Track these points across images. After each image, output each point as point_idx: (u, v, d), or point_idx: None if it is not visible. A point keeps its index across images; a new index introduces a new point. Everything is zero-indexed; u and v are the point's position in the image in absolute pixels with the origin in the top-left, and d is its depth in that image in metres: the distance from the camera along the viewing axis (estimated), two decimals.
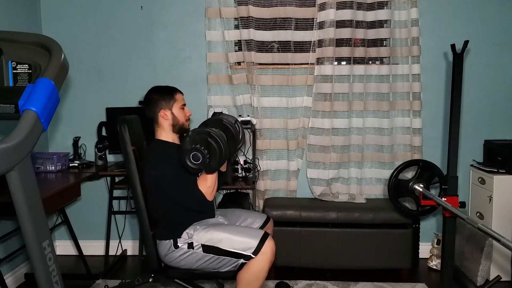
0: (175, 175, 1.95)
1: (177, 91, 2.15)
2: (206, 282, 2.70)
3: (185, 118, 2.14)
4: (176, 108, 2.11)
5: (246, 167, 3.06)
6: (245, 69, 3.08)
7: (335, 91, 3.06)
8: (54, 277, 1.16)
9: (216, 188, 2.00)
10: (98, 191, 3.27)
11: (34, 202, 1.11)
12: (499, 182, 2.76)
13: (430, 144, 3.14)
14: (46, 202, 1.87)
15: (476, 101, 3.12)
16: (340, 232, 2.85)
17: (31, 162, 1.09)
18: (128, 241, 3.33)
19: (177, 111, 2.11)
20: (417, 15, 2.98)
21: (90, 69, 3.21)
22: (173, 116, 2.10)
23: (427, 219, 3.21)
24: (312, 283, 2.78)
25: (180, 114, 2.11)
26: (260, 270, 1.89)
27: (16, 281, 2.84)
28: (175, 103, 2.10)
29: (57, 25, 3.16)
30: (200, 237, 1.96)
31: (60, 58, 1.16)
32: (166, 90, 2.13)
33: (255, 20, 3.03)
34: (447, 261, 2.02)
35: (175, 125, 2.11)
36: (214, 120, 2.10)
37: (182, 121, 2.12)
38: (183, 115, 2.13)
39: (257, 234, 1.94)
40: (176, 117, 2.10)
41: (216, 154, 1.83)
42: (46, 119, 1.08)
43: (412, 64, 3.03)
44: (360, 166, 3.15)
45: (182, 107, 2.13)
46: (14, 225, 2.74)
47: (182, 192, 1.96)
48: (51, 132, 3.27)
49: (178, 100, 2.12)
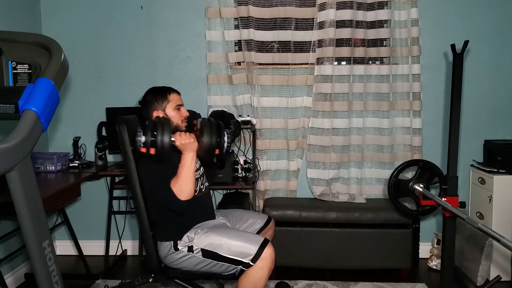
0: (153, 171, 1.93)
1: (171, 92, 2.09)
2: (206, 282, 2.70)
3: (180, 119, 2.07)
4: (170, 109, 2.05)
5: (246, 167, 3.06)
6: (245, 69, 3.08)
7: (335, 91, 3.06)
8: (54, 277, 1.16)
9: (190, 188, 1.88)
10: (98, 191, 3.27)
11: (34, 202, 1.11)
12: (499, 182, 2.76)
13: (430, 144, 3.14)
14: (46, 202, 1.87)
15: (476, 101, 3.12)
16: (340, 232, 2.85)
17: (31, 162, 1.09)
18: (128, 241, 3.33)
19: (171, 111, 2.05)
20: (417, 15, 2.98)
21: (90, 69, 3.21)
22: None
23: (427, 219, 3.20)
24: (312, 283, 2.78)
25: (174, 114, 2.05)
26: (259, 278, 1.87)
27: (16, 281, 2.84)
28: (169, 104, 2.05)
29: (57, 25, 3.17)
30: (200, 241, 1.95)
31: (60, 58, 1.16)
32: (160, 91, 2.07)
33: (255, 20, 3.03)
34: (447, 261, 2.02)
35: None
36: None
37: (177, 121, 2.05)
38: (179, 116, 2.07)
39: (256, 240, 1.91)
40: (170, 118, 2.02)
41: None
42: (46, 119, 1.08)
43: (412, 64, 3.03)
44: (360, 166, 3.15)
45: (178, 107, 2.07)
46: (14, 225, 2.74)
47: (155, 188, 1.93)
48: (51, 132, 3.27)
49: (172, 101, 2.06)
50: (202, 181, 2.16)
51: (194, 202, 2.03)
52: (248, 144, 3.19)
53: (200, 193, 2.12)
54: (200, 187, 2.13)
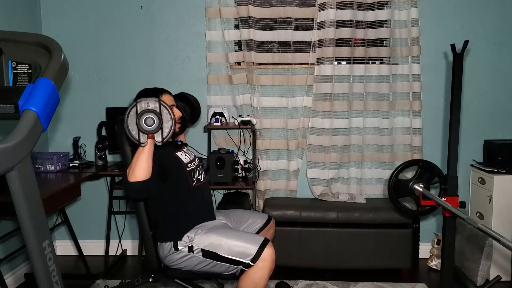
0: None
1: (163, 93, 2.10)
2: (206, 282, 2.70)
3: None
4: None
5: (246, 167, 3.06)
6: (245, 69, 3.08)
7: (335, 91, 3.06)
8: (54, 277, 1.16)
9: (141, 168, 1.79)
10: (98, 191, 3.27)
11: (34, 202, 1.10)
12: (499, 182, 2.76)
13: (430, 144, 3.14)
14: (46, 202, 1.88)
15: (476, 101, 3.12)
16: (340, 232, 2.85)
17: (31, 162, 1.09)
18: (128, 241, 3.33)
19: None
20: (417, 15, 2.98)
21: (90, 69, 3.21)
22: None
23: (427, 219, 3.21)
24: (312, 283, 2.78)
25: None
26: (259, 278, 1.88)
27: (16, 281, 2.84)
28: None
29: (57, 25, 3.16)
30: (200, 241, 1.95)
31: (60, 58, 1.16)
32: (151, 92, 2.08)
33: (255, 20, 3.03)
34: (447, 261, 2.02)
35: None
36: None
37: None
38: None
39: (256, 241, 1.91)
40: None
41: (170, 123, 1.76)
42: (46, 119, 1.08)
43: (412, 64, 3.03)
44: (360, 166, 3.15)
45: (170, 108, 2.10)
46: (14, 225, 2.74)
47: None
48: (51, 132, 3.27)
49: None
50: (199, 171, 2.17)
51: (194, 192, 2.08)
52: (248, 144, 3.19)
53: (198, 183, 2.13)
54: (197, 177, 2.14)
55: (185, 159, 2.13)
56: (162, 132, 1.76)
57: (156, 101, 1.75)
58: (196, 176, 2.14)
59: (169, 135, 1.77)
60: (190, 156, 2.19)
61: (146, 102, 1.75)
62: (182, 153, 2.16)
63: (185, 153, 2.18)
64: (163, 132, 1.76)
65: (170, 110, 1.77)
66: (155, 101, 1.75)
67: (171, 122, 1.76)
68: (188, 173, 2.09)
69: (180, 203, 2.05)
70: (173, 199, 2.04)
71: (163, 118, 1.75)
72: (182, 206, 2.05)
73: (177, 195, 2.05)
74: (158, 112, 1.74)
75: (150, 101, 1.75)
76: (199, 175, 2.17)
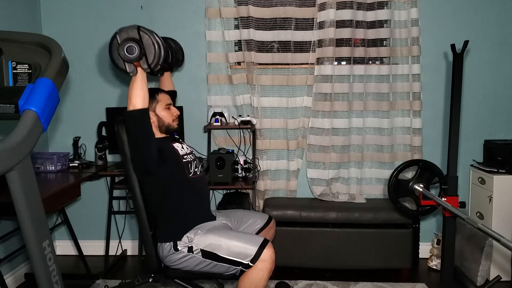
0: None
1: (159, 92, 2.14)
2: (206, 282, 2.70)
3: (171, 118, 2.13)
4: (160, 109, 2.10)
5: (246, 167, 3.06)
6: (245, 69, 3.08)
7: (335, 91, 3.06)
8: (54, 277, 1.16)
9: (137, 95, 1.85)
10: (98, 191, 3.27)
11: (34, 202, 1.11)
12: (499, 182, 2.76)
13: (430, 144, 3.14)
14: (46, 202, 1.88)
15: (476, 101, 3.12)
16: (340, 232, 2.85)
17: (31, 162, 1.09)
18: (128, 241, 3.33)
19: (161, 111, 2.10)
20: (417, 15, 2.98)
21: (90, 69, 3.21)
22: (157, 117, 2.09)
23: (427, 219, 3.20)
24: (312, 283, 2.78)
25: (165, 114, 2.11)
26: (259, 279, 1.87)
27: (16, 281, 2.84)
28: (158, 104, 2.10)
29: (57, 25, 3.16)
30: (200, 242, 1.95)
31: (60, 58, 1.16)
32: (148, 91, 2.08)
33: (255, 20, 3.03)
34: (447, 261, 2.02)
35: (161, 126, 2.11)
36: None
37: (168, 121, 2.11)
38: (169, 115, 2.12)
39: (256, 241, 1.91)
40: (161, 118, 2.10)
41: (153, 48, 1.76)
42: (46, 119, 1.08)
43: (412, 64, 3.03)
44: (360, 166, 3.15)
45: (168, 107, 2.12)
46: (14, 225, 2.74)
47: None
48: (51, 132, 3.27)
49: (161, 101, 2.11)
50: (196, 164, 2.19)
51: (190, 183, 2.08)
52: (248, 144, 3.19)
53: (195, 175, 2.14)
54: (194, 170, 2.15)
55: (181, 150, 2.14)
56: (146, 58, 1.76)
57: (135, 28, 1.75)
58: (193, 169, 2.14)
59: (155, 60, 1.77)
60: (187, 150, 2.20)
61: (125, 31, 1.75)
62: (179, 144, 2.18)
63: (182, 146, 2.19)
64: (148, 58, 1.76)
65: (152, 35, 1.76)
66: (133, 28, 1.75)
67: (153, 47, 1.76)
68: (184, 163, 2.10)
69: (178, 193, 2.05)
70: (171, 187, 2.04)
71: (145, 44, 1.75)
72: (181, 198, 2.05)
73: (174, 183, 2.05)
74: (138, 39, 1.74)
75: (129, 29, 1.76)
76: (196, 168, 2.18)
